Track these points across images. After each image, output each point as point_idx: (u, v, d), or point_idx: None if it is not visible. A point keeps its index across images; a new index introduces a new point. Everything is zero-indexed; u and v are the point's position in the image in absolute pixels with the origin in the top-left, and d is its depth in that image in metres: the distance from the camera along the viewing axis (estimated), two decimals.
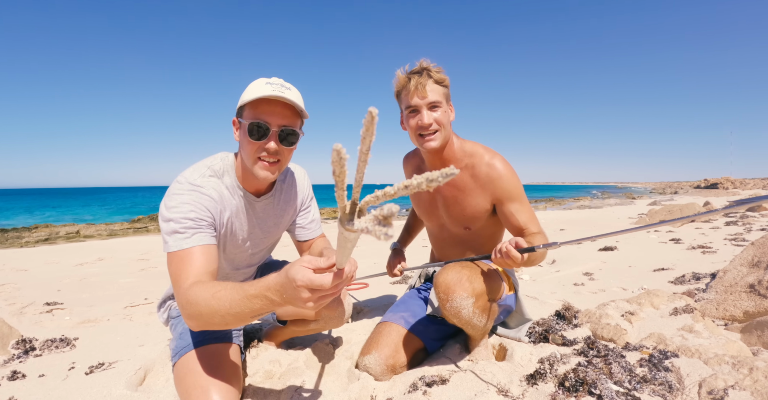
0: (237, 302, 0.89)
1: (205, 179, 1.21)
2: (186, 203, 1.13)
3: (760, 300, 1.81)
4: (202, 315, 0.94)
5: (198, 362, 1.24)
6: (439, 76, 1.45)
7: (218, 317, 0.92)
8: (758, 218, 7.02)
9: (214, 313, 0.92)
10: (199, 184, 1.18)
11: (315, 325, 1.58)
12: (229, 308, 0.90)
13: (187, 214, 1.11)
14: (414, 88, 1.43)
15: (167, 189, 1.19)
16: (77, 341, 2.02)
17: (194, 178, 1.19)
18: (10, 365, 1.72)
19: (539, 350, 1.51)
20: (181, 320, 1.41)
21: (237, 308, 0.89)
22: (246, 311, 0.89)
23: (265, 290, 0.86)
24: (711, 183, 34.86)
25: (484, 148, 1.55)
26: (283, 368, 1.55)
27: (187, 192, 1.15)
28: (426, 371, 1.45)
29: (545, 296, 2.53)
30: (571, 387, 1.22)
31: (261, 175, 1.21)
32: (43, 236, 12.20)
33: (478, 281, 1.35)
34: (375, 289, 2.94)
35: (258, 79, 1.20)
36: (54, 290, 3.61)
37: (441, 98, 1.45)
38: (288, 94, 1.15)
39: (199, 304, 0.94)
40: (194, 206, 1.14)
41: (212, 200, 1.19)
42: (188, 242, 1.09)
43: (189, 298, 0.97)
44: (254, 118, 1.15)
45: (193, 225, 1.11)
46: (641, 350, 1.47)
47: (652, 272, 3.19)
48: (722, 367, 1.28)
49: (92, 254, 6.41)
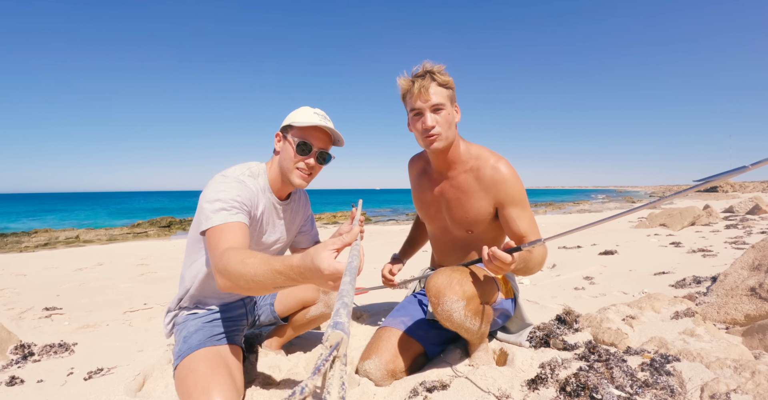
0: (261, 273, 0.96)
1: (246, 177, 1.39)
2: (234, 188, 1.30)
3: (762, 303, 1.81)
4: (231, 275, 1.02)
5: (200, 363, 1.25)
6: (443, 78, 1.45)
7: (243, 281, 1.00)
8: (758, 221, 7.02)
9: (240, 276, 0.99)
10: (242, 180, 1.36)
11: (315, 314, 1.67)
12: (253, 276, 0.97)
13: (235, 197, 1.27)
14: (417, 92, 1.44)
15: (209, 183, 1.34)
16: (76, 347, 2.01)
17: (237, 174, 1.38)
18: (9, 370, 1.71)
19: (540, 354, 1.50)
20: (185, 326, 1.42)
21: (260, 277, 0.96)
22: (268, 282, 0.96)
23: (288, 269, 0.92)
24: (711, 187, 34.91)
25: (490, 151, 1.56)
26: (283, 373, 1.55)
27: (234, 182, 1.32)
28: (426, 376, 1.44)
29: (546, 300, 2.52)
30: (572, 392, 1.21)
31: (296, 182, 1.45)
32: (42, 240, 12.18)
33: (468, 284, 1.35)
34: (374, 294, 2.93)
35: (304, 108, 1.46)
36: (53, 295, 3.60)
37: (444, 100, 1.46)
38: (330, 125, 1.44)
39: (229, 265, 1.03)
40: (240, 191, 1.30)
41: (252, 192, 1.37)
42: (233, 217, 1.23)
43: (222, 258, 1.07)
44: (302, 138, 1.42)
45: (238, 206, 1.26)
46: (642, 354, 1.47)
47: (652, 276, 3.18)
48: (724, 371, 1.27)
49: (91, 259, 6.40)
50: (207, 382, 1.19)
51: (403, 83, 1.49)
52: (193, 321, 1.45)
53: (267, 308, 1.70)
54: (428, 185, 1.68)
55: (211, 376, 1.21)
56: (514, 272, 1.39)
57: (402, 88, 1.50)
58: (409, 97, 1.48)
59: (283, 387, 1.41)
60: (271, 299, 1.72)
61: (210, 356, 1.28)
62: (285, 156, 1.45)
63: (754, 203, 8.93)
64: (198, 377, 1.20)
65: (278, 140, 1.49)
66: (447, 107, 1.47)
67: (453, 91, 1.51)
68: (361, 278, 3.85)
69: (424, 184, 1.70)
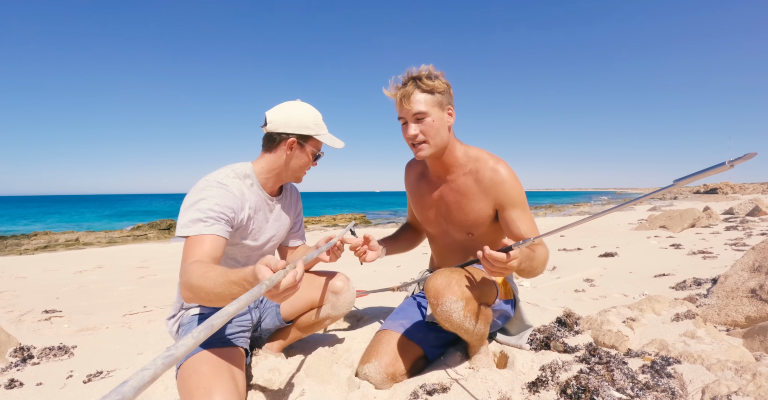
0: (220, 284, 1.04)
1: (230, 180, 1.39)
2: (213, 197, 1.30)
3: (762, 305, 1.80)
4: (192, 287, 1.10)
5: (203, 364, 1.25)
6: (428, 84, 1.41)
7: (203, 293, 1.08)
8: (758, 223, 7.02)
9: (201, 288, 1.08)
10: (225, 183, 1.36)
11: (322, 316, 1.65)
12: (213, 288, 1.05)
13: (212, 207, 1.28)
14: (399, 101, 1.44)
15: (192, 188, 1.36)
16: (75, 349, 2.01)
17: (220, 178, 1.38)
18: (8, 373, 1.70)
19: (540, 357, 1.50)
20: (190, 327, 1.43)
21: (219, 289, 1.04)
22: (226, 293, 1.03)
23: (242, 279, 1.00)
24: (710, 188, 34.90)
25: (489, 154, 1.55)
26: (283, 376, 1.54)
27: (215, 188, 1.32)
28: (426, 379, 1.44)
29: (546, 302, 2.51)
30: (573, 395, 1.21)
31: (302, 180, 1.59)
32: (42, 243, 12.17)
33: (467, 284, 1.35)
34: (374, 296, 2.93)
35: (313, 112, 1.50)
36: (53, 298, 3.59)
37: (428, 108, 1.43)
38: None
39: (191, 278, 1.11)
40: (219, 200, 1.30)
41: (235, 197, 1.36)
42: (207, 230, 1.26)
43: (186, 272, 1.16)
44: (319, 149, 1.54)
45: (215, 216, 1.28)
46: (643, 356, 1.46)
47: (653, 278, 3.18)
48: (725, 373, 1.27)
49: (91, 262, 6.40)
50: (209, 383, 1.19)
51: (387, 92, 1.49)
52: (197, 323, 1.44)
53: (272, 311, 1.68)
54: (427, 189, 1.67)
55: (214, 378, 1.21)
56: (520, 273, 1.36)
57: (388, 96, 1.50)
58: (395, 106, 1.48)
59: (282, 391, 1.41)
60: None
61: (213, 358, 1.29)
62: (298, 163, 1.51)
63: (754, 204, 8.94)
64: (201, 379, 1.20)
65: (290, 147, 1.49)
66: (433, 114, 1.43)
67: (444, 94, 1.46)
68: (359, 280, 3.85)
69: (423, 188, 1.69)
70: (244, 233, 1.44)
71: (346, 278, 1.67)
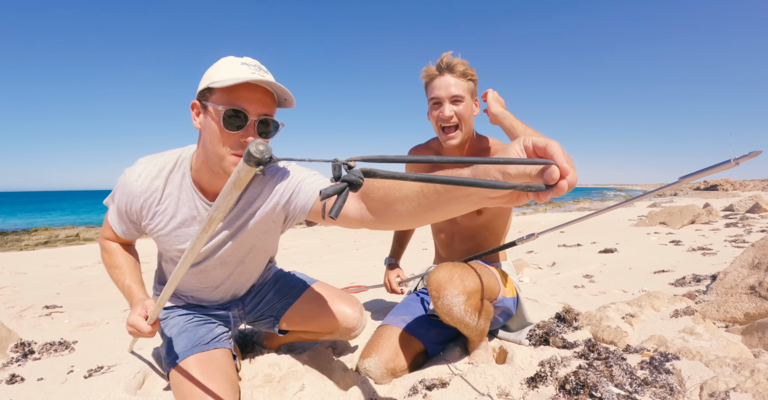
0: (118, 285, 1.32)
1: (145, 174, 1.17)
2: (114, 198, 1.26)
3: (761, 302, 1.81)
4: (104, 262, 1.38)
5: (193, 369, 1.25)
6: (466, 70, 1.47)
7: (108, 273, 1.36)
8: (758, 220, 7.02)
9: (106, 269, 1.37)
10: (131, 180, 1.18)
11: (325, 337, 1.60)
12: (113, 281, 1.34)
13: (118, 204, 1.26)
14: (438, 81, 1.47)
15: None
16: (76, 345, 2.01)
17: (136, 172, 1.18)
18: (9, 368, 1.71)
19: (540, 352, 1.50)
20: (167, 324, 1.43)
21: (117, 286, 1.34)
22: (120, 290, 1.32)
23: (128, 296, 1.28)
24: (711, 185, 34.85)
25: (500, 142, 1.61)
26: (282, 371, 1.55)
27: (119, 189, 1.23)
28: (426, 374, 1.44)
29: (545, 298, 2.52)
30: (571, 390, 1.22)
31: (230, 169, 1.02)
32: (42, 238, 12.18)
33: (470, 279, 1.35)
34: (375, 292, 2.93)
35: (228, 58, 1.03)
36: (53, 293, 3.60)
37: (464, 93, 1.48)
38: (268, 77, 0.99)
39: (103, 259, 1.38)
40: (120, 201, 1.24)
41: (137, 198, 1.19)
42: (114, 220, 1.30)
43: (100, 245, 1.39)
44: (230, 104, 0.97)
45: (119, 214, 1.28)
46: (642, 352, 1.47)
47: (652, 274, 3.18)
48: (723, 369, 1.27)
49: (92, 257, 6.40)
50: (202, 389, 1.20)
51: (426, 72, 1.52)
52: (173, 319, 1.44)
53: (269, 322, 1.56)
54: None
55: (206, 382, 1.21)
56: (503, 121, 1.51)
57: (424, 77, 1.53)
58: (430, 87, 1.51)
59: (282, 386, 1.42)
60: (277, 313, 1.53)
61: (203, 361, 1.28)
62: (209, 135, 1.01)
63: (754, 201, 8.93)
64: (192, 388, 1.20)
65: (196, 113, 1.05)
66: (467, 100, 1.49)
67: (475, 84, 1.53)
68: (359, 276, 3.86)
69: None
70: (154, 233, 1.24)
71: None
